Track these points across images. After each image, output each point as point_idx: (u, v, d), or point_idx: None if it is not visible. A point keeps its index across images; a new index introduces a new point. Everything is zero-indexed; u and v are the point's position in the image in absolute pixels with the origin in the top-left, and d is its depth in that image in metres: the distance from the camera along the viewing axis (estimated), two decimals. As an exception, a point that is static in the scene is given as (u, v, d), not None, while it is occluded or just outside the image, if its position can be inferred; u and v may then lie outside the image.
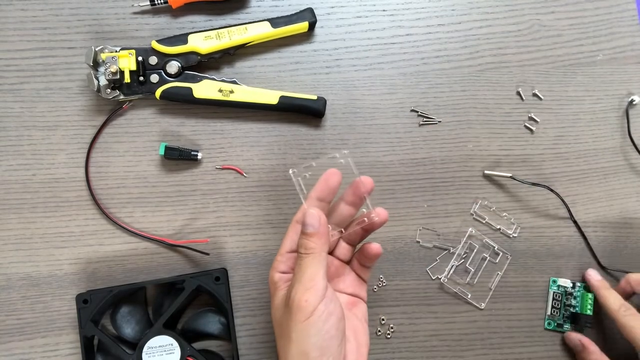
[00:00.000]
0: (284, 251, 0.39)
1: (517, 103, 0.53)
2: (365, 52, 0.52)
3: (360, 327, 0.40)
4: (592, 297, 0.50)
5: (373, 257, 0.41)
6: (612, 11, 0.55)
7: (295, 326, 0.34)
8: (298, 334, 0.34)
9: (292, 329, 0.34)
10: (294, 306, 0.34)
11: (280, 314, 0.37)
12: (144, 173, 0.50)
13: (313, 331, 0.34)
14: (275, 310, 0.38)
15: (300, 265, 0.36)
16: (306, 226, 0.36)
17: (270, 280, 0.39)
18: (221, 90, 0.49)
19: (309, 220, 0.36)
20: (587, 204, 0.53)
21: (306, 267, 0.35)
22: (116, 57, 0.47)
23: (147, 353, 0.44)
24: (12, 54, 0.50)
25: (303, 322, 0.34)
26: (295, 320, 0.34)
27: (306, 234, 0.36)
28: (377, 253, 0.41)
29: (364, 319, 0.41)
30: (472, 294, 0.50)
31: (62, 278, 0.48)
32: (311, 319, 0.34)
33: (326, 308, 0.34)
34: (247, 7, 0.52)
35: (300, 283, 0.35)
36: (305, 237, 0.36)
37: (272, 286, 0.39)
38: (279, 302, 0.37)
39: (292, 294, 0.35)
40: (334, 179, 0.39)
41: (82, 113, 0.50)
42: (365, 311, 0.42)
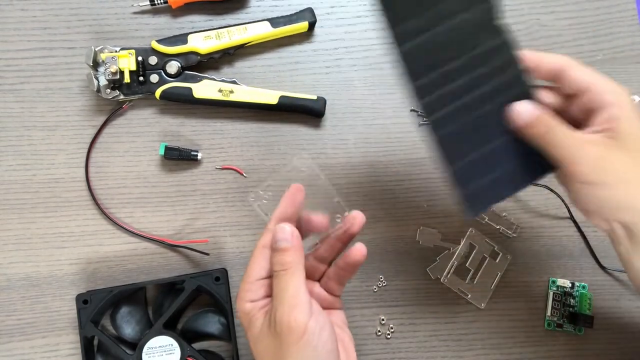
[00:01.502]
0: (252, 279, 0.36)
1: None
2: (365, 52, 0.52)
3: (343, 335, 0.38)
4: (591, 297, 0.50)
5: (357, 263, 0.38)
6: (612, 11, 0.55)
7: (289, 350, 0.32)
8: (295, 358, 0.32)
9: (287, 355, 0.32)
10: (283, 330, 0.32)
11: (266, 344, 0.33)
12: (144, 173, 0.50)
13: (310, 350, 0.32)
14: (256, 343, 0.34)
15: (279, 285, 0.33)
16: (279, 242, 0.34)
17: (241, 311, 0.35)
18: (221, 90, 0.49)
19: (281, 235, 0.34)
20: (587, 204, 0.53)
21: (286, 285, 0.33)
22: (116, 57, 0.47)
23: (147, 353, 0.44)
24: (12, 54, 0.50)
25: (297, 344, 0.32)
26: (288, 344, 0.32)
27: (280, 249, 0.34)
28: (361, 258, 0.38)
29: (345, 324, 0.40)
30: (472, 294, 0.50)
31: (62, 278, 0.48)
32: (305, 338, 0.32)
33: (317, 323, 0.32)
34: (247, 7, 0.52)
35: (284, 303, 0.32)
36: (280, 253, 0.34)
37: (245, 317, 0.35)
38: (259, 332, 0.34)
39: (277, 317, 0.32)
40: (299, 196, 0.36)
41: (82, 113, 0.50)
42: (343, 317, 0.40)
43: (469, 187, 0.37)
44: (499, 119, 0.36)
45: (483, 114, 0.36)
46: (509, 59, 0.36)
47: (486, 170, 0.37)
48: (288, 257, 0.34)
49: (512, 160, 0.37)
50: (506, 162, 0.37)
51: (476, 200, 0.37)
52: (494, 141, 0.37)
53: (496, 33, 0.36)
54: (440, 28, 0.35)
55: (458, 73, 0.36)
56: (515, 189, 0.38)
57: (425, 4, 0.35)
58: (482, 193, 0.37)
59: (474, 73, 0.36)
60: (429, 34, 0.35)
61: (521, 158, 0.37)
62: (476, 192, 0.37)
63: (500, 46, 0.36)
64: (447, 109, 0.36)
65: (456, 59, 0.36)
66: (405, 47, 0.35)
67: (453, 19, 0.35)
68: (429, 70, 0.35)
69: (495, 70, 0.36)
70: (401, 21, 0.35)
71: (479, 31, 0.36)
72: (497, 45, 0.36)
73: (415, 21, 0.35)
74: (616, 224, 0.35)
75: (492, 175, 0.37)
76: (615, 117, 0.34)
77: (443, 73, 0.36)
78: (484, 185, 0.37)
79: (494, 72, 0.36)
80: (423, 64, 0.35)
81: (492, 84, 0.36)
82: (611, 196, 0.34)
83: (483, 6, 0.36)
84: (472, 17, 0.35)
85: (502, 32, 0.36)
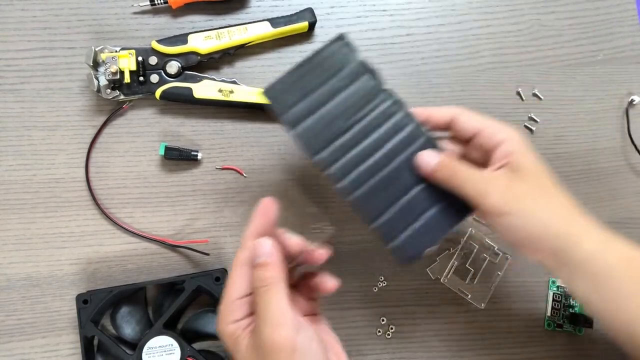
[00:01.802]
0: (233, 298, 0.34)
1: (517, 103, 0.53)
2: (365, 52, 0.52)
3: (330, 339, 0.37)
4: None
5: (323, 294, 0.37)
6: (612, 11, 0.55)
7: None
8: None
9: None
10: (274, 349, 0.30)
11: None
12: (144, 173, 0.50)
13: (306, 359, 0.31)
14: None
15: (261, 302, 0.32)
16: (259, 257, 0.33)
17: (224, 334, 0.33)
18: (221, 90, 0.49)
19: (260, 250, 0.33)
20: (587, 204, 0.52)
21: (269, 301, 0.32)
22: (116, 57, 0.47)
23: (147, 353, 0.44)
24: (12, 54, 0.50)
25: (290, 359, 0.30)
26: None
27: (260, 264, 0.33)
28: (330, 291, 0.37)
29: (329, 327, 0.38)
30: (472, 294, 0.50)
31: (62, 278, 0.48)
32: (297, 355, 0.30)
33: (305, 335, 0.32)
34: (247, 7, 0.52)
35: (268, 321, 0.31)
36: (260, 268, 0.33)
37: (230, 339, 0.33)
38: (246, 354, 0.32)
39: (263, 337, 0.30)
40: (272, 210, 0.35)
41: (82, 113, 0.50)
42: (326, 320, 0.38)
43: (396, 240, 0.39)
44: (409, 172, 0.39)
45: (393, 170, 0.39)
46: (404, 117, 0.40)
47: (409, 221, 0.39)
48: (268, 272, 0.32)
49: (433, 207, 0.39)
50: (427, 210, 0.39)
51: (405, 250, 0.39)
52: (410, 193, 0.39)
53: (384, 97, 0.40)
54: (329, 105, 0.39)
55: (356, 140, 0.39)
56: (441, 233, 0.40)
57: (309, 89, 0.39)
58: (410, 243, 0.39)
59: (372, 137, 0.39)
60: (318, 113, 0.39)
61: (441, 204, 0.39)
62: (404, 243, 0.39)
63: (391, 107, 0.39)
64: (353, 175, 0.39)
65: (351, 128, 0.39)
66: (297, 130, 0.39)
67: (339, 94, 0.39)
68: (327, 144, 0.39)
69: (394, 130, 0.39)
70: (289, 108, 0.39)
71: (367, 100, 0.39)
72: (388, 107, 0.39)
73: (303, 105, 0.39)
74: (544, 254, 0.36)
75: (416, 225, 0.39)
76: (509, 152, 0.37)
77: (342, 144, 0.39)
78: (410, 235, 0.39)
79: (393, 132, 0.39)
80: (320, 139, 0.39)
81: (395, 142, 0.39)
82: (525, 224, 0.35)
83: (365, 77, 0.39)
84: (357, 89, 0.39)
85: (390, 94, 0.40)
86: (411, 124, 0.39)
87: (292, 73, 0.39)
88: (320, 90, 0.39)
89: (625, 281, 0.34)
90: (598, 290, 0.35)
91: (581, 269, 0.35)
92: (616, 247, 0.36)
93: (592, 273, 0.35)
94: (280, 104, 0.39)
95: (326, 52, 0.40)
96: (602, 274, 0.35)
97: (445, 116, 0.40)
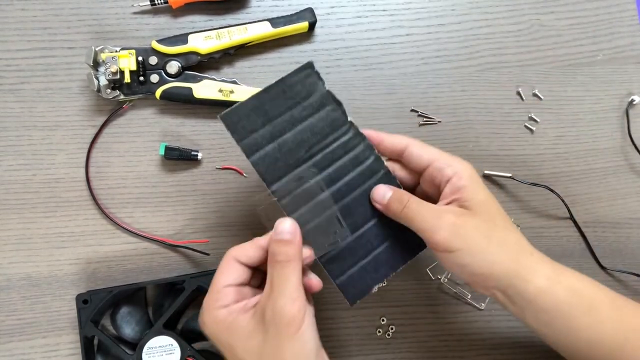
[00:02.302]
0: (220, 286, 0.35)
1: (517, 103, 0.53)
2: (365, 52, 0.52)
3: None
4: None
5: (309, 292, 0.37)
6: (612, 11, 0.55)
7: (284, 344, 0.32)
8: (294, 349, 0.32)
9: (285, 348, 0.32)
10: (282, 321, 0.32)
11: (255, 343, 0.33)
12: (144, 173, 0.50)
13: (300, 344, 0.33)
14: (244, 346, 0.33)
15: (281, 275, 0.33)
16: (282, 233, 0.35)
17: (215, 320, 0.34)
18: (221, 90, 0.49)
19: (284, 228, 0.35)
20: (587, 204, 0.53)
21: (289, 276, 0.33)
22: (116, 57, 0.47)
23: (147, 353, 0.44)
24: (12, 54, 0.50)
25: (293, 337, 0.32)
26: (284, 337, 0.32)
27: (283, 240, 0.34)
28: (316, 290, 0.38)
29: None
30: (472, 294, 0.50)
31: (62, 278, 0.48)
32: (300, 332, 0.32)
33: (309, 312, 0.34)
34: (247, 7, 0.52)
35: (286, 294, 0.33)
36: (283, 243, 0.34)
37: (222, 325, 0.34)
38: (247, 332, 0.33)
39: (276, 308, 0.32)
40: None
41: (82, 113, 0.50)
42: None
43: (343, 276, 0.38)
44: (363, 207, 0.39)
45: (347, 204, 0.39)
46: (364, 151, 0.39)
47: (358, 258, 0.39)
48: (291, 249, 0.34)
49: (383, 243, 0.39)
50: (377, 247, 0.39)
51: (351, 287, 0.39)
52: (361, 229, 0.39)
53: (346, 129, 0.39)
54: (290, 134, 0.38)
55: (312, 173, 0.38)
56: (390, 270, 0.39)
57: (271, 115, 0.38)
58: (356, 280, 0.39)
59: (331, 169, 0.39)
60: (278, 140, 0.38)
61: (392, 240, 0.39)
62: (349, 280, 0.39)
63: (352, 140, 0.39)
64: (307, 207, 0.38)
65: (311, 158, 0.38)
66: (255, 157, 0.38)
67: (302, 123, 0.38)
68: (285, 173, 0.38)
69: (353, 163, 0.39)
70: (248, 134, 0.38)
71: (330, 131, 0.39)
72: (349, 139, 0.39)
73: (263, 132, 0.38)
74: (493, 290, 0.36)
75: (364, 262, 0.39)
76: (459, 187, 0.36)
77: (299, 174, 0.38)
78: (357, 272, 0.39)
79: (352, 165, 0.39)
80: (278, 168, 0.38)
81: (352, 175, 0.39)
82: (473, 262, 0.35)
83: (329, 108, 0.39)
84: (320, 119, 0.39)
85: (352, 127, 0.39)
86: (371, 157, 0.39)
87: (255, 98, 0.38)
88: (282, 118, 0.38)
89: (575, 315, 0.35)
90: (550, 324, 0.35)
91: (531, 305, 0.35)
92: (565, 281, 0.36)
93: (543, 309, 0.35)
94: (238, 129, 0.37)
95: (293, 79, 0.39)
96: (553, 310, 0.35)
97: (396, 145, 0.40)
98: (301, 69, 0.39)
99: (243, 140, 0.38)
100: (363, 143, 0.39)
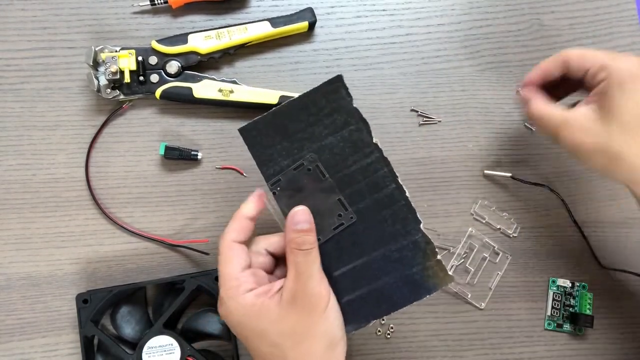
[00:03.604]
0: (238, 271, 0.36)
1: (517, 103, 0.53)
2: (365, 52, 0.52)
3: None
4: (591, 296, 0.50)
5: None
6: (612, 11, 0.55)
7: (320, 319, 0.35)
8: (324, 325, 0.35)
9: (317, 325, 0.35)
10: (318, 298, 0.35)
11: (290, 324, 0.34)
12: (144, 173, 0.50)
13: (333, 315, 0.36)
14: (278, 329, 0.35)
15: (308, 261, 0.35)
16: (301, 223, 0.36)
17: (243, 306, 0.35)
18: (221, 90, 0.49)
19: (303, 217, 0.36)
20: (587, 204, 0.53)
21: (313, 261, 0.35)
22: (116, 57, 0.47)
23: (147, 353, 0.44)
24: (12, 54, 0.50)
25: (323, 314, 0.35)
26: (318, 314, 0.35)
27: (305, 230, 0.36)
28: None
29: None
30: (472, 294, 0.50)
31: (62, 278, 0.48)
32: (328, 308, 0.35)
33: (332, 298, 0.36)
34: (247, 7, 0.52)
35: (315, 276, 0.35)
36: (305, 233, 0.36)
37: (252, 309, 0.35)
38: (280, 315, 0.35)
39: (307, 290, 0.34)
40: (264, 199, 0.39)
41: (82, 113, 0.50)
42: None
43: (342, 299, 0.37)
44: (374, 234, 0.37)
45: (361, 231, 0.37)
46: (386, 176, 0.37)
47: (360, 285, 0.37)
48: (312, 237, 0.36)
49: (389, 276, 0.37)
50: (382, 278, 0.37)
51: (349, 314, 0.37)
52: (369, 254, 0.37)
53: (368, 151, 0.37)
54: (305, 153, 0.37)
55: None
56: (393, 307, 0.37)
57: (290, 132, 0.37)
58: (356, 308, 0.37)
59: (347, 192, 0.37)
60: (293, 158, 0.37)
61: (399, 276, 0.37)
62: (349, 306, 0.37)
63: (374, 164, 0.37)
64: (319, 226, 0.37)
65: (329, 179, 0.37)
66: (277, 189, 0.38)
67: (320, 142, 0.37)
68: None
69: (373, 188, 0.37)
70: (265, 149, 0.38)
71: (349, 152, 0.37)
72: (371, 163, 0.37)
73: (280, 148, 0.37)
74: None
75: (365, 290, 0.37)
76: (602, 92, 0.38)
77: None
78: (357, 300, 0.37)
79: (367, 190, 0.37)
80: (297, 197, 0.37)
81: (366, 201, 0.37)
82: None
83: (352, 128, 0.37)
84: (341, 139, 0.37)
85: (375, 150, 0.37)
86: (392, 185, 0.37)
87: (275, 113, 0.37)
88: (301, 135, 0.37)
89: None
90: None
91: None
92: None
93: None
94: (259, 151, 0.38)
95: (317, 93, 0.37)
96: None
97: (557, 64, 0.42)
98: (328, 83, 0.37)
99: (259, 157, 0.38)
100: (386, 168, 0.37)
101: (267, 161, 0.38)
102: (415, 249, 0.37)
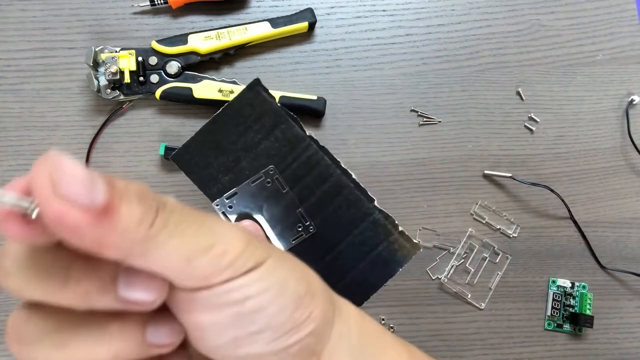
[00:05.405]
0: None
1: (517, 103, 0.53)
2: (365, 52, 0.52)
3: None
4: (591, 297, 0.50)
5: None
6: (612, 11, 0.55)
7: None
8: None
9: None
10: None
11: None
12: (144, 173, 0.50)
13: None
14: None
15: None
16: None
17: None
18: (221, 90, 0.49)
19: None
20: (587, 204, 0.53)
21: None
22: (116, 58, 0.47)
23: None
24: (12, 54, 0.50)
25: None
26: None
27: None
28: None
29: None
30: (472, 294, 0.50)
31: (62, 278, 0.48)
32: None
33: None
34: (247, 7, 0.52)
35: None
36: None
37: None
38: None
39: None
40: None
41: (82, 113, 0.50)
42: None
43: None
44: (332, 226, 0.37)
45: (321, 227, 0.37)
46: (327, 166, 0.37)
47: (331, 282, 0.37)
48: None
49: (359, 264, 0.37)
50: (352, 268, 0.37)
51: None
52: (334, 249, 0.37)
53: (305, 145, 0.37)
54: (245, 163, 0.37)
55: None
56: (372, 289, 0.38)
57: (223, 146, 0.37)
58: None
59: (297, 188, 0.37)
60: (234, 171, 0.37)
61: (367, 260, 0.37)
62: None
63: (315, 155, 0.37)
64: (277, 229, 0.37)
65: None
66: (222, 203, 0.37)
67: (255, 149, 0.37)
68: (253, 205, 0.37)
69: (316, 181, 0.37)
70: (202, 170, 0.37)
71: (286, 150, 0.37)
72: (312, 155, 0.37)
73: (217, 164, 0.37)
74: None
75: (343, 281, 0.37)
76: None
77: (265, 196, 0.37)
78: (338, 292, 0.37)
79: (314, 183, 0.37)
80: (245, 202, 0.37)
81: (317, 195, 0.37)
82: None
83: (283, 127, 0.37)
84: (274, 141, 0.37)
85: (311, 142, 0.37)
86: (336, 171, 0.37)
87: (204, 131, 0.37)
88: (235, 146, 0.37)
89: None
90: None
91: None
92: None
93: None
94: (197, 173, 0.37)
95: (239, 102, 0.37)
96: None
97: None
98: (248, 89, 0.37)
99: (199, 179, 0.37)
100: (327, 156, 0.37)
101: (208, 181, 0.37)
102: (376, 227, 0.37)
